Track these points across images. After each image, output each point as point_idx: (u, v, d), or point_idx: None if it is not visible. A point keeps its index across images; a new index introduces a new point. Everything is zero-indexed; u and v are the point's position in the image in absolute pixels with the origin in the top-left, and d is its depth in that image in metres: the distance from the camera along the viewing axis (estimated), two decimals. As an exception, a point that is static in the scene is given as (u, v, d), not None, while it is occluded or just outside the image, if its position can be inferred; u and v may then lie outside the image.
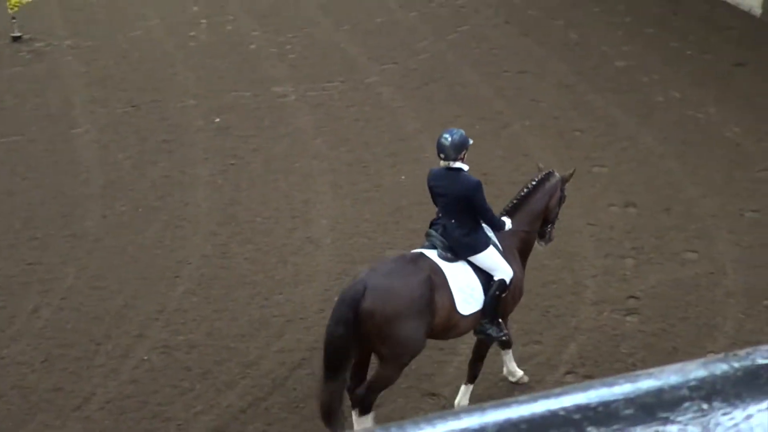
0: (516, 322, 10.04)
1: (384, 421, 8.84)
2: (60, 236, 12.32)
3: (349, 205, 12.90)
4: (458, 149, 8.47)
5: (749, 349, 1.22)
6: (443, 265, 8.49)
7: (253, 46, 18.17)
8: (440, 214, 8.71)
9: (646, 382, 1.16)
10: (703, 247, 12.00)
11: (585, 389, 1.15)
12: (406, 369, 9.86)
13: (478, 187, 8.45)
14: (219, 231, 12.39)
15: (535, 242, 9.51)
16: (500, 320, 8.80)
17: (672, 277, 11.41)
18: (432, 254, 8.55)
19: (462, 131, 8.64)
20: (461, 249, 8.56)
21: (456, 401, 9.29)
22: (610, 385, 1.16)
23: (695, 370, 1.18)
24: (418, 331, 8.28)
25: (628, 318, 10.73)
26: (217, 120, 15.37)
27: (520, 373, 9.65)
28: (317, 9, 19.87)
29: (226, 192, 13.30)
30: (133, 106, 15.89)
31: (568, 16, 19.29)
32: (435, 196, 8.72)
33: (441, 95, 16.09)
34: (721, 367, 1.18)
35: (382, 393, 8.77)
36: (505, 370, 9.68)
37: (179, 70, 17.24)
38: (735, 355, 1.22)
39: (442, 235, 8.59)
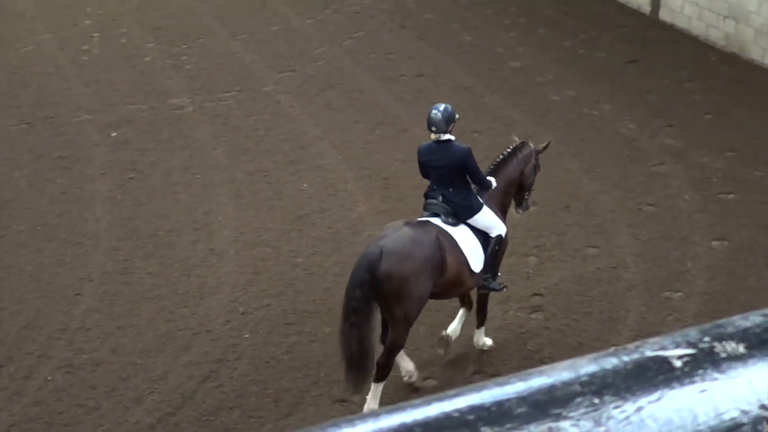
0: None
1: (294, 429, 8.82)
2: (-44, 258, 12.06)
3: (251, 215, 12.84)
4: (448, 122, 9.22)
5: (638, 342, 1.24)
6: (449, 230, 9.20)
7: (148, 59, 17.98)
8: (435, 186, 9.37)
9: (539, 380, 1.17)
10: (603, 242, 12.20)
11: (478, 390, 1.15)
12: (315, 376, 9.88)
13: (469, 152, 9.22)
14: (120, 246, 12.23)
15: (514, 209, 10.34)
16: (498, 273, 9.73)
17: (574, 273, 11.58)
18: (436, 221, 9.25)
19: (449, 105, 9.39)
20: (462, 212, 9.28)
21: (474, 341, 10.15)
22: (503, 384, 1.17)
23: (586, 366, 1.19)
24: (427, 290, 8.94)
25: (533, 315, 10.86)
26: (114, 134, 15.18)
27: (489, 342, 10.25)
28: (212, 19, 19.74)
29: (126, 206, 13.14)
30: (27, 123, 15.61)
31: (462, 18, 19.44)
32: (428, 169, 9.41)
33: (339, 101, 16.10)
34: (611, 362, 1.20)
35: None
36: (474, 339, 10.25)
37: (73, 85, 16.99)
38: (624, 348, 1.24)
39: (443, 203, 9.28)
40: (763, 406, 1.14)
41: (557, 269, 11.63)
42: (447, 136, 9.24)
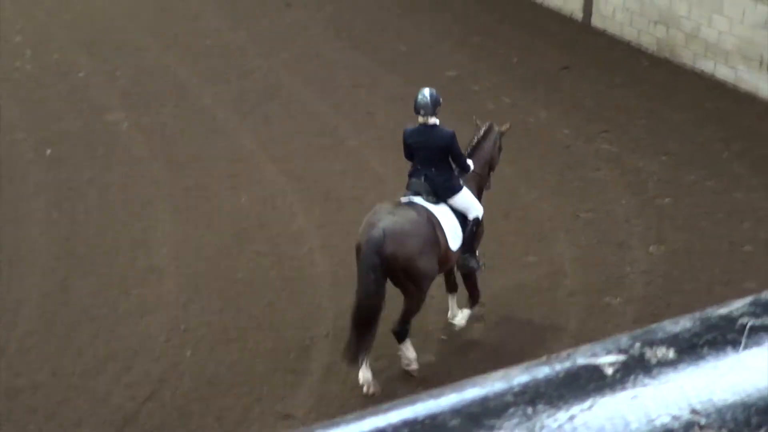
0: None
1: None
2: None
3: (190, 231, 12.75)
4: (435, 105, 9.71)
5: (570, 350, 1.25)
6: (432, 208, 9.70)
7: (81, 74, 17.81)
8: (418, 166, 9.82)
9: (472, 391, 1.17)
10: (543, 249, 12.27)
11: (412, 402, 1.15)
12: (259, 392, 9.83)
13: (454, 136, 9.72)
14: (57, 266, 12.08)
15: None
16: (477, 252, 10.30)
17: (514, 282, 11.63)
18: (419, 200, 9.72)
19: (434, 89, 9.83)
20: (443, 192, 9.77)
21: (456, 319, 10.64)
22: (437, 396, 1.16)
23: (519, 376, 1.19)
24: (434, 261, 9.54)
25: (475, 325, 10.88)
26: (49, 152, 15.01)
27: (460, 316, 10.73)
28: (145, 33, 19.61)
29: (63, 225, 12.98)
30: (-41, 144, 15.38)
31: (396, 28, 19.51)
32: (413, 150, 9.86)
33: (276, 114, 16.05)
34: (543, 371, 1.20)
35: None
36: (449, 314, 10.80)
37: (5, 103, 16.76)
38: (557, 357, 1.24)
39: (425, 183, 9.74)
40: (693, 411, 1.15)
41: (497, 278, 11.66)
42: (433, 120, 9.72)
